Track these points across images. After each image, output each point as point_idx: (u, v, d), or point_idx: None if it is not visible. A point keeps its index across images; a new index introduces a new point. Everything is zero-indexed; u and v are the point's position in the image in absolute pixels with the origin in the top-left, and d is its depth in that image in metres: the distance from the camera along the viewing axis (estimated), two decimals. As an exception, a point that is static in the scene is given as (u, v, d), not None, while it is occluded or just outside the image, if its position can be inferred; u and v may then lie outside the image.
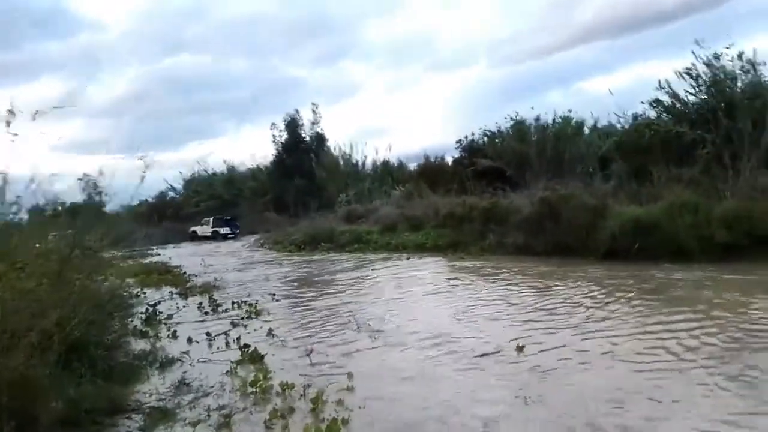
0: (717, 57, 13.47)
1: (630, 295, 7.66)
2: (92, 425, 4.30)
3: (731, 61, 13.28)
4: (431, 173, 25.81)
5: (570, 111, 23.94)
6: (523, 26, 64.02)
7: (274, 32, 70.84)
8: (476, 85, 62.34)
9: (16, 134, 4.38)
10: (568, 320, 6.59)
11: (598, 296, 7.73)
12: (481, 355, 5.43)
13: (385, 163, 33.26)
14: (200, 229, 35.60)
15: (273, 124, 36.12)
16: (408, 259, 14.66)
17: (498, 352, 5.49)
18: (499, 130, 24.67)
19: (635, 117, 17.79)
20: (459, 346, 5.85)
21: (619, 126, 19.16)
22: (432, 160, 28.99)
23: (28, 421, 3.78)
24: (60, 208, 7.03)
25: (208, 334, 7.31)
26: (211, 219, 35.63)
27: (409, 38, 70.15)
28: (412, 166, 32.64)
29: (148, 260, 22.33)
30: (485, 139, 25.05)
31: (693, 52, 13.74)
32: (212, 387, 5.16)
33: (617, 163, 16.34)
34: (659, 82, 14.89)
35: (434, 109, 62.99)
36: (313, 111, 35.99)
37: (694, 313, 6.39)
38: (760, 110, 12.19)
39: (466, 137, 25.45)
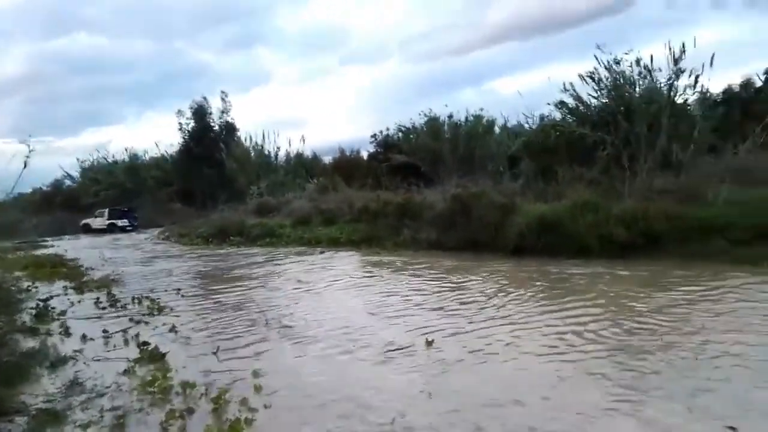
0: (617, 62, 14.26)
1: (534, 289, 7.97)
2: (-35, 431, 3.87)
3: (630, 66, 14.14)
4: (346, 167, 25.81)
5: (482, 110, 24.75)
6: (438, 23, 65.38)
7: (181, 14, 67.83)
8: (391, 80, 63.12)
9: None
10: (476, 313, 6.73)
11: (505, 290, 7.97)
12: (392, 350, 5.41)
13: (299, 156, 32.74)
14: (94, 222, 33.48)
15: (179, 111, 34.62)
16: (321, 253, 14.51)
17: (409, 346, 5.49)
18: (413, 126, 25.05)
19: (542, 118, 18.61)
20: (370, 341, 5.82)
21: (527, 126, 19.97)
22: (347, 153, 29.02)
23: None
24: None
25: (105, 331, 6.84)
26: (107, 210, 33.60)
27: (324, 28, 69.79)
28: (327, 159, 32.51)
29: (40, 252, 20.80)
30: (400, 134, 25.35)
31: (595, 57, 14.48)
32: (108, 387, 4.83)
33: (525, 163, 16.96)
34: (564, 84, 15.58)
35: (350, 102, 63.16)
36: (223, 99, 34.86)
37: (591, 306, 6.72)
38: (656, 114, 13.03)
39: (381, 132, 25.69)
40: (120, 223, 33.19)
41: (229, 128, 34.24)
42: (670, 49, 13.22)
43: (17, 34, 66.60)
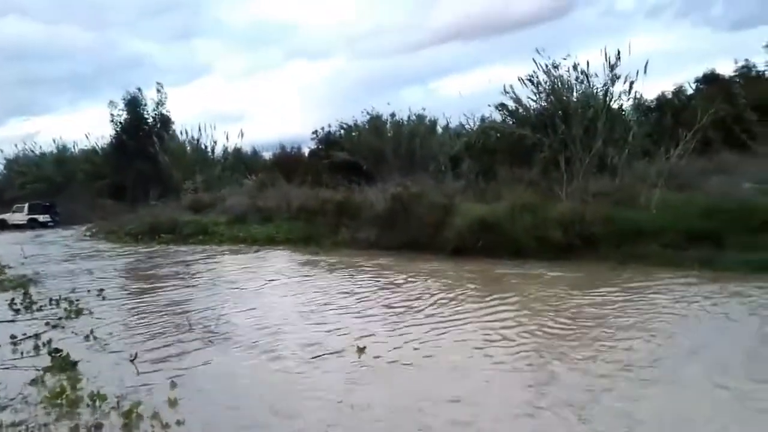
0: (555, 66, 14.55)
1: (468, 291, 7.97)
2: None
3: (567, 71, 14.44)
4: (287, 164, 25.34)
5: (424, 109, 24.80)
6: (384, 22, 65.18)
7: (120, 3, 64.92)
8: (337, 77, 62.35)
9: None
10: (410, 316, 6.66)
11: (440, 292, 7.92)
12: (319, 356, 5.23)
13: (238, 151, 31.87)
14: (11, 217, 31.46)
15: (111, 102, 32.90)
16: (256, 252, 14.14)
17: (339, 351, 5.33)
18: (355, 124, 24.85)
19: (483, 119, 18.80)
20: (299, 346, 5.60)
21: (468, 127, 20.16)
22: (288, 150, 28.49)
23: None
24: None
25: (12, 336, 6.28)
26: (27, 205, 31.66)
27: (270, 22, 68.19)
28: (268, 155, 31.81)
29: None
30: (342, 132, 25.08)
31: (534, 60, 14.71)
32: (12, 399, 4.43)
33: (467, 163, 17.07)
34: (504, 87, 15.76)
35: (292, 98, 61.98)
36: (158, 90, 33.39)
37: (521, 308, 6.80)
38: (592, 118, 13.34)
39: (323, 129, 25.31)
40: (41, 218, 31.29)
41: (164, 121, 32.87)
42: (606, 55, 13.57)
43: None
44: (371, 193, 13.93)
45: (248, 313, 7.28)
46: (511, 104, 16.02)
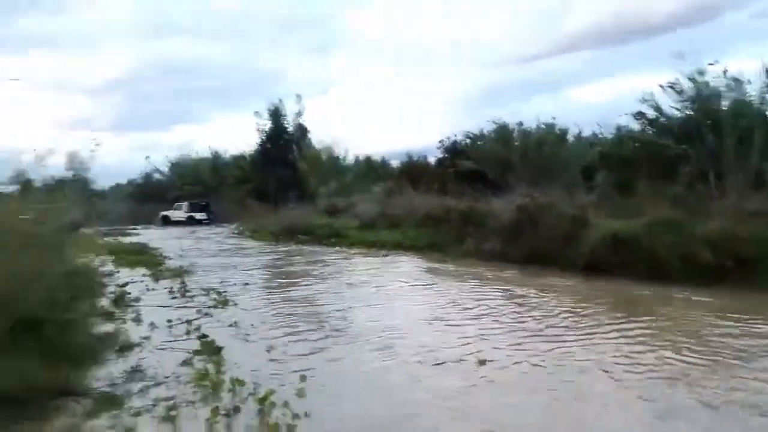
0: (701, 73, 13.49)
1: (600, 310, 7.64)
2: (37, 406, 4.13)
3: (716, 77, 13.33)
4: (413, 172, 25.73)
5: (554, 118, 23.93)
6: (511, 31, 63.94)
7: (264, 21, 70.27)
8: (462, 87, 62.33)
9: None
10: (535, 331, 6.53)
11: (569, 309, 7.67)
12: (441, 363, 5.33)
13: (368, 159, 33.09)
14: (173, 214, 35.22)
15: (256, 112, 35.76)
16: (384, 256, 14.58)
17: (460, 360, 5.40)
18: (481, 133, 24.63)
19: (618, 128, 17.83)
20: (421, 351, 5.73)
21: (601, 137, 19.21)
22: (415, 159, 28.96)
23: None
24: (49, 183, 6.92)
25: (169, 321, 7.14)
26: (186, 204, 35.28)
27: (399, 34, 69.78)
28: (395, 163, 32.61)
29: (127, 240, 22.11)
30: (468, 141, 24.99)
31: (676, 67, 13.76)
32: (167, 377, 5.01)
33: (601, 174, 16.31)
34: (643, 94, 14.90)
35: (419, 108, 62.79)
36: (297, 102, 35.76)
37: (657, 332, 6.37)
38: (746, 129, 12.20)
39: (449, 138, 25.40)
40: (198, 216, 34.72)
41: (302, 130, 35.05)
42: (761, 60, 12.33)
43: (121, 38, 71.38)
44: (497, 202, 13.77)
45: (375, 315, 7.57)
46: (650, 112, 15.12)
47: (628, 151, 15.84)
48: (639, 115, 15.69)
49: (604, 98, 46.96)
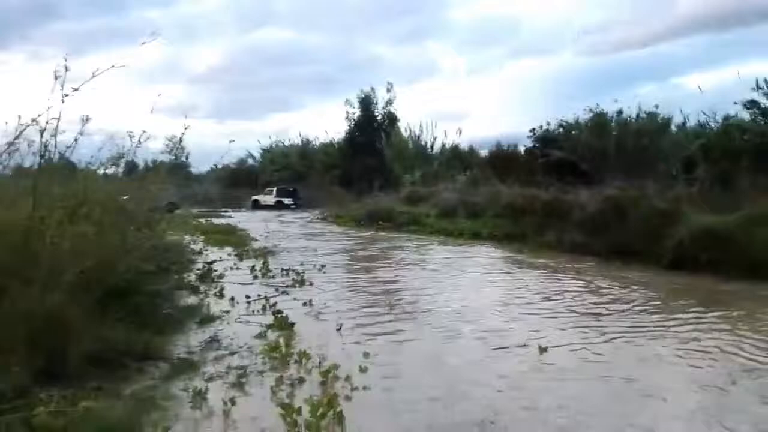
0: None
1: (680, 305, 7.27)
2: (120, 368, 4.49)
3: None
4: (501, 161, 25.20)
5: (657, 107, 22.53)
6: (616, 15, 60.83)
7: (359, 9, 71.25)
8: (562, 74, 60.22)
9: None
10: (608, 323, 6.28)
11: (647, 303, 7.34)
12: (504, 348, 5.30)
13: (455, 147, 32.82)
14: (263, 198, 36.80)
15: (347, 100, 36.36)
16: (461, 245, 14.51)
17: (522, 346, 5.33)
18: (576, 122, 23.62)
19: (726, 118, 16.59)
20: (486, 336, 5.73)
21: (707, 126, 17.96)
22: (504, 147, 28.33)
23: (58, 356, 3.99)
24: (149, 166, 7.49)
25: (248, 297, 7.50)
26: (275, 189, 36.72)
27: (495, 21, 68.64)
28: (484, 152, 32.10)
29: (218, 221, 23.36)
30: (561, 130, 24.07)
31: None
32: (240, 347, 5.30)
33: (702, 166, 15.30)
34: (756, 81, 13.75)
35: (514, 96, 61.55)
36: (388, 90, 35.93)
37: (735, 329, 6.01)
38: None
39: (541, 127, 24.55)
40: (286, 201, 36.09)
41: (392, 118, 35.29)
42: None
43: (220, 28, 75.24)
44: (583, 194, 13.26)
45: (445, 300, 7.59)
46: (763, 101, 13.93)
47: (734, 142, 14.73)
48: (750, 104, 14.53)
49: (718, 86, 43.70)
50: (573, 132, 23.57)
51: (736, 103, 15.09)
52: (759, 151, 13.37)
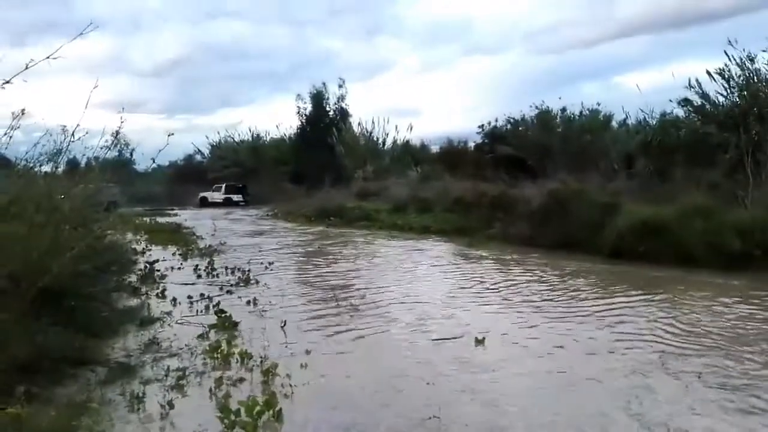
0: (751, 59, 12.91)
1: (616, 289, 7.65)
2: (53, 374, 4.32)
3: (767, 64, 12.74)
4: (452, 157, 25.57)
5: (599, 104, 23.35)
6: (564, 15, 62.54)
7: (312, 4, 70.64)
8: (510, 72, 61.45)
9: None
10: (547, 310, 6.50)
11: (584, 290, 7.66)
12: (442, 340, 5.39)
13: (406, 143, 33.03)
14: (211, 195, 36.14)
15: (298, 95, 36.05)
16: (410, 239, 14.63)
17: (460, 337, 5.46)
18: (522, 119, 24.20)
19: (663, 115, 17.31)
20: (426, 329, 5.81)
21: (645, 124, 18.69)
22: (455, 144, 28.70)
23: (-14, 364, 3.81)
24: (90, 163, 7.17)
25: (189, 297, 7.35)
26: (224, 185, 36.08)
27: (447, 19, 69.23)
28: (435, 148, 32.39)
29: (163, 219, 22.76)
30: (508, 126, 24.60)
31: (725, 53, 13.20)
32: (181, 349, 5.19)
33: (641, 162, 15.93)
34: (689, 81, 14.37)
35: (464, 93, 62.41)
36: (340, 86, 35.81)
37: (663, 309, 6.48)
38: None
39: (489, 123, 25.02)
40: (235, 198, 35.52)
41: (343, 114, 35.16)
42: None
43: (171, 20, 73.18)
44: (528, 188, 13.59)
45: (392, 293, 7.65)
46: (696, 99, 14.57)
47: (670, 138, 15.37)
48: (684, 102, 15.16)
49: (656, 85, 45.44)
50: (520, 128, 24.11)
51: (671, 101, 15.71)
52: (693, 146, 13.97)
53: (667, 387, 4.13)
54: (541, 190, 12.65)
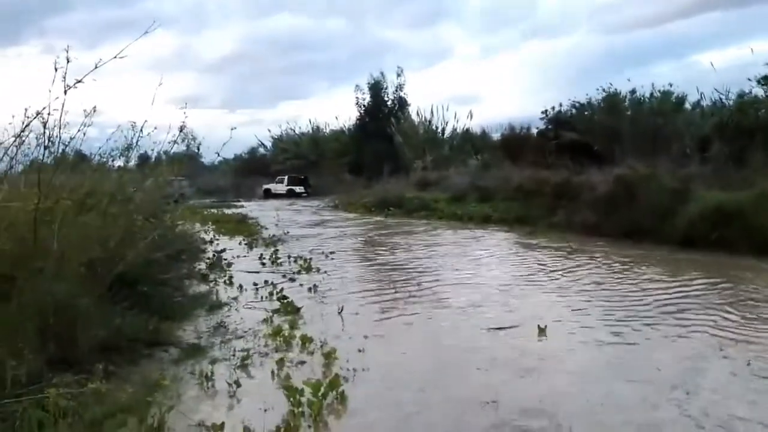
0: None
1: (687, 280, 7.28)
2: (130, 354, 4.60)
3: None
4: (513, 144, 24.98)
5: (671, 85, 22.22)
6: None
7: (370, -6, 70.74)
8: (575, 54, 59.54)
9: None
10: (615, 301, 6.30)
11: (655, 281, 7.34)
12: (497, 328, 5.36)
13: (466, 131, 32.62)
14: (274, 187, 36.91)
15: (357, 86, 36.23)
16: (470, 228, 14.52)
17: (516, 325, 5.43)
18: (588, 103, 23.35)
19: (740, 95, 16.32)
20: (483, 316, 5.80)
21: (721, 104, 17.70)
22: (517, 130, 28.06)
23: (70, 344, 4.10)
24: (162, 157, 7.56)
25: (254, 284, 7.62)
26: (286, 177, 36.80)
27: (508, 2, 67.61)
28: (496, 135, 31.82)
29: (230, 211, 23.56)
30: (573, 111, 23.81)
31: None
32: (246, 332, 5.44)
33: (716, 145, 15.10)
34: (770, 57, 13.51)
35: (527, 78, 60.92)
36: (398, 74, 35.76)
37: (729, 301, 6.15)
38: None
39: (553, 108, 24.28)
40: (297, 189, 36.21)
41: (402, 103, 35.14)
42: None
43: (232, 15, 75.23)
44: (594, 175, 13.16)
45: (451, 282, 7.65)
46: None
47: (748, 119, 14.50)
48: (764, 80, 14.27)
49: (734, 63, 42.81)
50: (586, 113, 23.32)
51: (750, 79, 14.82)
52: (772, 127, 13.15)
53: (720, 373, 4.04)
54: (608, 177, 12.21)
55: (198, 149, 25.67)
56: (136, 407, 3.45)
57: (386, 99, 35.66)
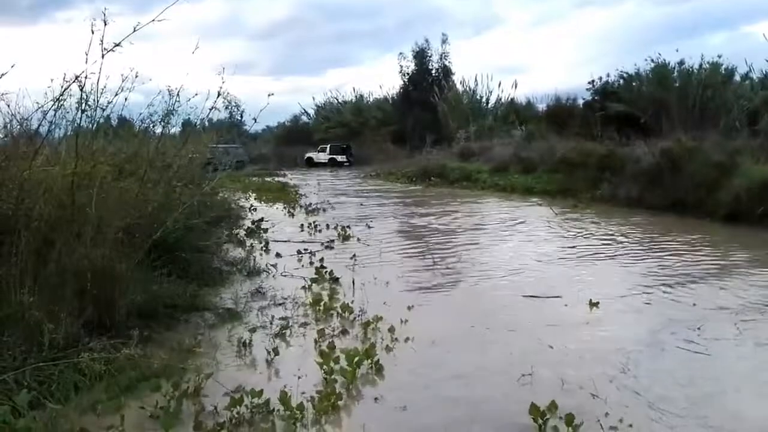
0: None
1: (732, 258, 7.13)
2: (167, 318, 4.68)
3: None
4: (559, 115, 24.32)
5: (719, 57, 21.15)
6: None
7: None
8: (625, 25, 57.05)
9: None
10: (655, 276, 6.14)
11: (701, 257, 7.17)
12: (536, 298, 5.35)
13: (511, 101, 31.78)
14: (316, 156, 36.93)
15: (401, 53, 35.55)
16: (513, 200, 14.31)
17: (556, 296, 5.38)
18: (636, 73, 22.45)
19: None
20: (522, 288, 5.76)
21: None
22: (563, 101, 27.25)
23: (107, 308, 4.18)
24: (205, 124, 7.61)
25: (296, 251, 7.69)
26: (329, 146, 36.75)
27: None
28: (541, 106, 30.97)
29: (272, 179, 23.83)
30: (621, 82, 22.94)
31: None
32: (285, 299, 5.43)
33: (766, 118, 14.44)
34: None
35: (575, 48, 58.89)
36: (443, 41, 34.95)
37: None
38: None
39: (600, 79, 23.45)
40: (339, 158, 36.15)
41: (446, 72, 34.40)
42: None
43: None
44: (640, 147, 12.73)
45: (490, 253, 7.69)
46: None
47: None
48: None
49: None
50: (633, 84, 22.45)
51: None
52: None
53: None
54: (653, 150, 11.80)
55: (241, 117, 25.93)
56: (170, 372, 3.52)
57: (430, 67, 34.97)
